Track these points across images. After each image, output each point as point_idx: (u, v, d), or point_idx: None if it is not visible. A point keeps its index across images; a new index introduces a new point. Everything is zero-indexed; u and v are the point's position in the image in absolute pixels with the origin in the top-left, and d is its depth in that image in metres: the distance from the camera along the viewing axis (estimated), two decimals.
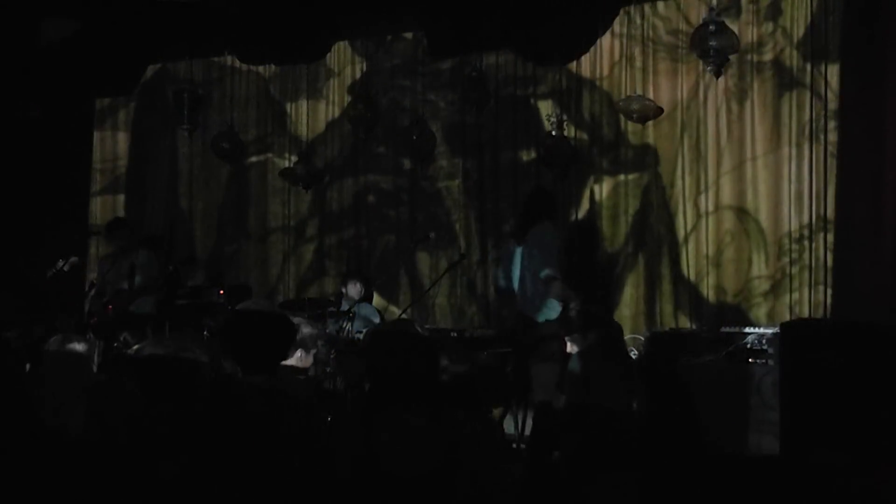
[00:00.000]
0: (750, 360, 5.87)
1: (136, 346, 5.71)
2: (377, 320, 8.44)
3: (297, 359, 4.68)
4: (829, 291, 7.41)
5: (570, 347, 5.91)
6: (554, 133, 7.88)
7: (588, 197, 8.46)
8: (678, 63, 8.10)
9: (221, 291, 8.54)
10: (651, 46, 8.20)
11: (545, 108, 8.63)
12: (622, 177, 8.36)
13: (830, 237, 7.44)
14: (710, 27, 6.75)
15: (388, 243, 9.34)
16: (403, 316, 8.26)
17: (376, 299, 9.14)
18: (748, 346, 5.93)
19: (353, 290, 8.61)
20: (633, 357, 6.55)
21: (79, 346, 4.95)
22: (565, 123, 8.27)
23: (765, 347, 5.85)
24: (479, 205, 8.93)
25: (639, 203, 8.30)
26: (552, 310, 6.93)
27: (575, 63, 8.43)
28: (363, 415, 3.52)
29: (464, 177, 9.02)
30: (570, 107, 8.51)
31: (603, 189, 8.43)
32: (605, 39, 8.31)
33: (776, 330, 5.77)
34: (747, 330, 6.24)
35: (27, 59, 9.24)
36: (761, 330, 6.18)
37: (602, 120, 8.45)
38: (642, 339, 6.98)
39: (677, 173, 8.13)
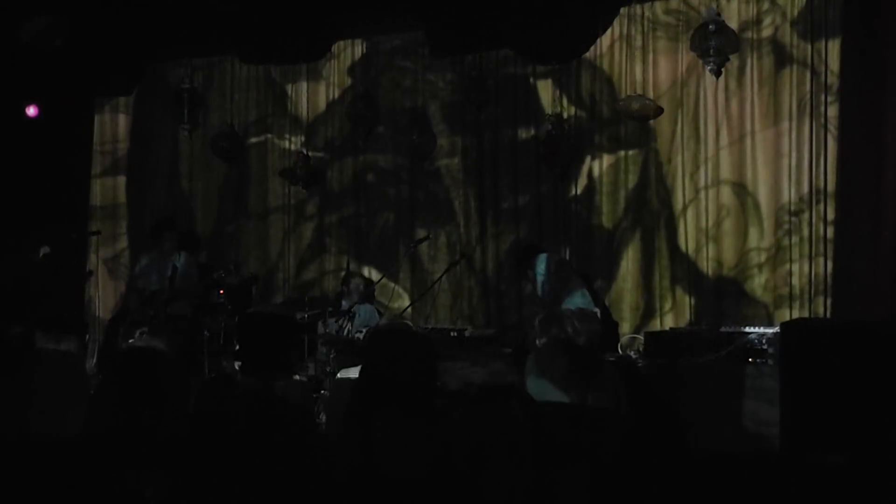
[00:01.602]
0: (750, 359, 5.93)
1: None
2: (377, 321, 8.38)
3: None
4: (828, 263, 7.48)
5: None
6: (554, 132, 7.88)
7: (587, 173, 8.49)
8: (677, 41, 8.08)
9: (221, 291, 8.59)
10: (650, 24, 8.18)
11: (544, 86, 8.63)
12: (621, 153, 8.38)
13: (828, 210, 7.50)
14: (711, 27, 6.72)
15: (388, 221, 9.36)
16: (407, 311, 8.36)
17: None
18: (748, 345, 5.99)
19: (354, 289, 8.59)
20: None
21: (72, 346, 4.84)
22: (564, 105, 8.31)
23: (765, 347, 5.91)
24: (478, 182, 8.94)
25: (637, 178, 8.33)
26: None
27: None
28: (361, 415, 3.56)
29: (463, 155, 9.02)
30: (569, 85, 8.51)
31: (602, 165, 8.46)
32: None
33: (776, 330, 5.85)
34: (747, 330, 6.30)
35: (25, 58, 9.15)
36: (761, 330, 6.24)
37: (601, 97, 8.45)
38: (642, 338, 7.05)
39: (675, 149, 8.16)
